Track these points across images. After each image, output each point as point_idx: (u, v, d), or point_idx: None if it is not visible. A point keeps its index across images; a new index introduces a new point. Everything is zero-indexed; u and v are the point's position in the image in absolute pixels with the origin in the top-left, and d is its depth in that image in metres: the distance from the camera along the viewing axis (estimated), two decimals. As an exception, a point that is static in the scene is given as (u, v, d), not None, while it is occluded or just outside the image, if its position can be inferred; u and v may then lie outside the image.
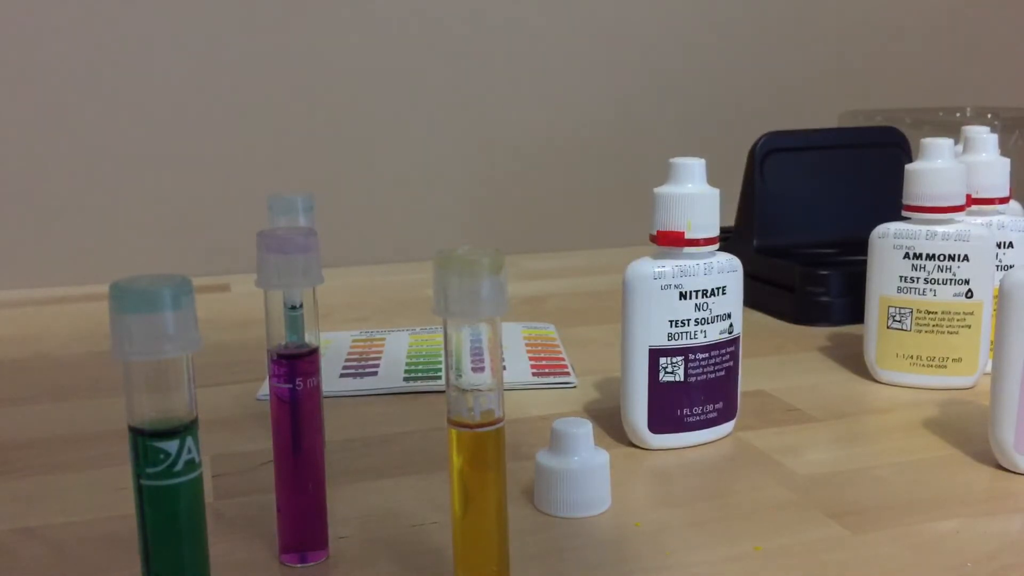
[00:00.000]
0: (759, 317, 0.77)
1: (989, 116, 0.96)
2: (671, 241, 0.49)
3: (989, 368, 0.49)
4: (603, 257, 1.01)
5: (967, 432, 0.52)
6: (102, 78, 0.93)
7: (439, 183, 1.04)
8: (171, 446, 0.30)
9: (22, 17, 0.91)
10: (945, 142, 0.57)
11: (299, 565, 0.39)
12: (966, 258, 0.57)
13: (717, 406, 0.51)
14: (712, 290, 0.49)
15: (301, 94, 0.98)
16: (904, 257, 0.58)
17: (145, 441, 0.30)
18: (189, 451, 0.30)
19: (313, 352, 0.39)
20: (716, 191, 0.49)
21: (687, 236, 0.48)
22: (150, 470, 0.30)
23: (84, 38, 0.92)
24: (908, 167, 0.58)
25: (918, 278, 0.58)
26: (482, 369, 0.34)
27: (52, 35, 0.91)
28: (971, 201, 0.59)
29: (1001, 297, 0.45)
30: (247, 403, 0.59)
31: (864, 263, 0.60)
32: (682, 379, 0.49)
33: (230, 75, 0.96)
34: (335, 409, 0.57)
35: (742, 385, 0.52)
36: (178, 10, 0.94)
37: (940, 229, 0.57)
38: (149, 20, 0.94)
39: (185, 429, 0.30)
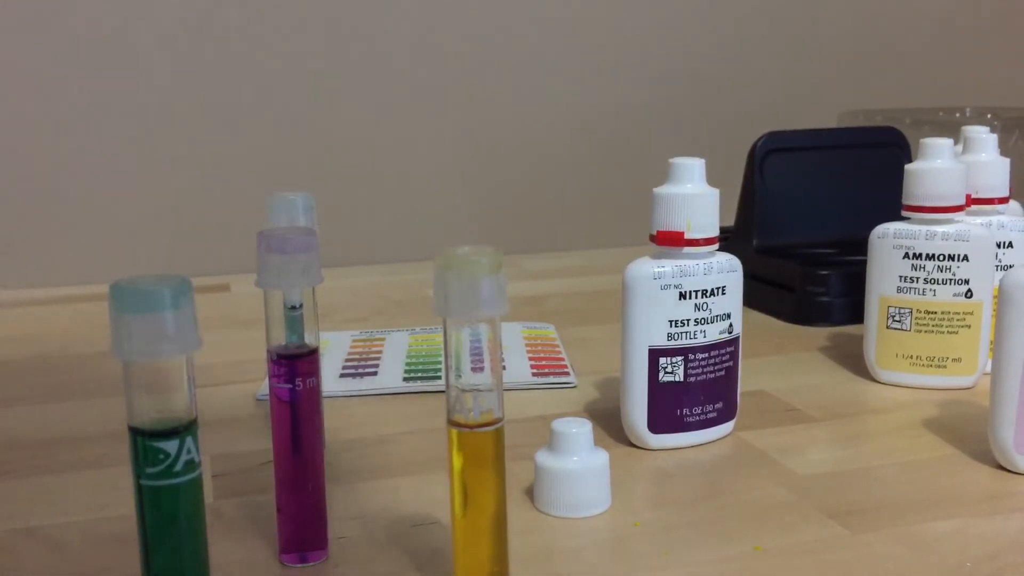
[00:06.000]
0: (759, 317, 0.77)
1: (989, 116, 0.96)
2: (671, 241, 0.49)
3: (989, 368, 0.49)
4: (603, 257, 1.01)
5: (967, 432, 0.52)
6: (102, 77, 0.93)
7: (439, 183, 1.04)
8: (171, 446, 0.30)
9: (21, 17, 0.91)
10: (945, 142, 0.57)
11: (299, 565, 0.39)
12: (966, 258, 0.57)
13: (717, 406, 0.51)
14: (712, 290, 0.49)
15: (301, 94, 0.98)
16: (904, 257, 0.58)
17: (145, 441, 0.30)
18: (189, 451, 0.30)
19: (313, 352, 0.39)
20: (716, 191, 0.49)
21: (687, 236, 0.48)
22: (150, 470, 0.30)
23: (84, 38, 0.92)
24: (908, 167, 0.58)
25: (918, 278, 0.58)
26: (482, 369, 0.34)
27: (52, 35, 0.91)
28: (971, 201, 0.59)
29: (1001, 297, 0.45)
30: (247, 403, 0.59)
31: (864, 263, 0.60)
32: (682, 379, 0.49)
33: (230, 75, 0.96)
34: (335, 409, 0.57)
35: (742, 385, 0.52)
36: (178, 10, 0.94)
37: (940, 229, 0.57)
38: (149, 20, 0.94)
39: (185, 429, 0.30)
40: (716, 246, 0.50)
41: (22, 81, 0.92)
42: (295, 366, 0.38)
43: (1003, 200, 0.60)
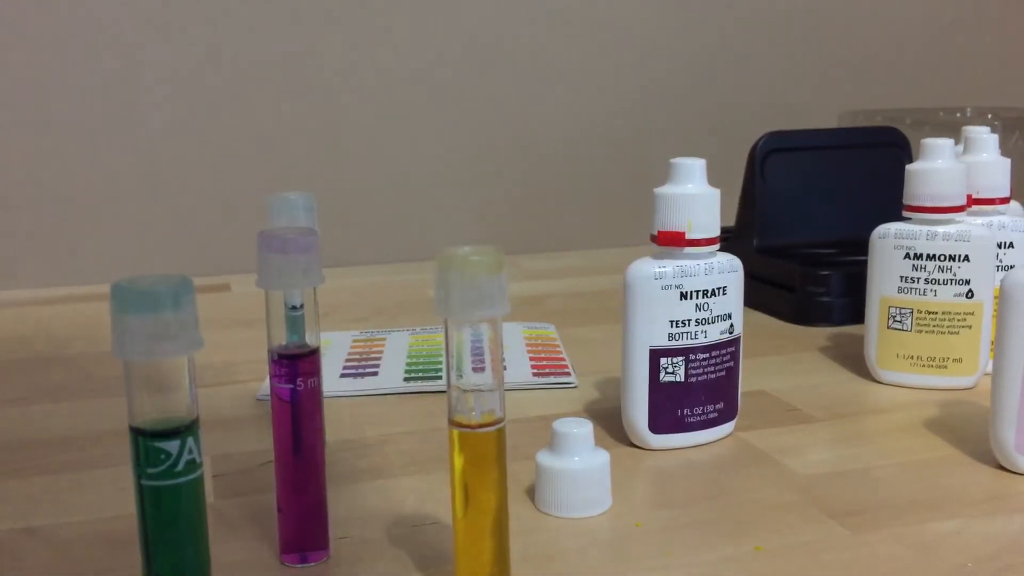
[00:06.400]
0: (759, 317, 0.77)
1: (989, 116, 0.96)
2: (672, 241, 0.49)
3: (990, 368, 0.49)
4: (603, 257, 1.01)
5: (967, 432, 0.52)
6: (102, 78, 0.93)
7: (439, 183, 1.04)
8: (172, 446, 0.30)
9: (22, 18, 0.91)
10: (946, 142, 0.57)
11: (300, 565, 0.39)
12: (967, 258, 0.57)
13: (718, 406, 0.51)
14: (713, 290, 0.49)
15: (301, 94, 0.98)
16: (905, 257, 0.58)
17: (146, 441, 0.30)
18: (190, 451, 0.30)
19: (314, 352, 0.39)
20: (716, 191, 0.49)
21: (688, 236, 0.48)
22: (151, 470, 0.30)
23: (84, 38, 0.92)
24: (909, 167, 0.58)
25: (919, 278, 0.58)
26: (483, 369, 0.34)
27: (52, 36, 0.91)
28: (972, 201, 0.59)
29: (1002, 297, 0.45)
30: (247, 403, 0.59)
31: (864, 263, 0.60)
32: (683, 379, 0.49)
33: (231, 75, 0.96)
34: (335, 409, 0.57)
35: (743, 385, 0.52)
36: (178, 10, 0.94)
37: (941, 229, 0.57)
38: (149, 20, 0.94)
39: (186, 429, 0.30)
40: (717, 246, 0.50)
41: (22, 81, 0.92)
42: (296, 366, 0.38)
43: (1004, 200, 0.60)
